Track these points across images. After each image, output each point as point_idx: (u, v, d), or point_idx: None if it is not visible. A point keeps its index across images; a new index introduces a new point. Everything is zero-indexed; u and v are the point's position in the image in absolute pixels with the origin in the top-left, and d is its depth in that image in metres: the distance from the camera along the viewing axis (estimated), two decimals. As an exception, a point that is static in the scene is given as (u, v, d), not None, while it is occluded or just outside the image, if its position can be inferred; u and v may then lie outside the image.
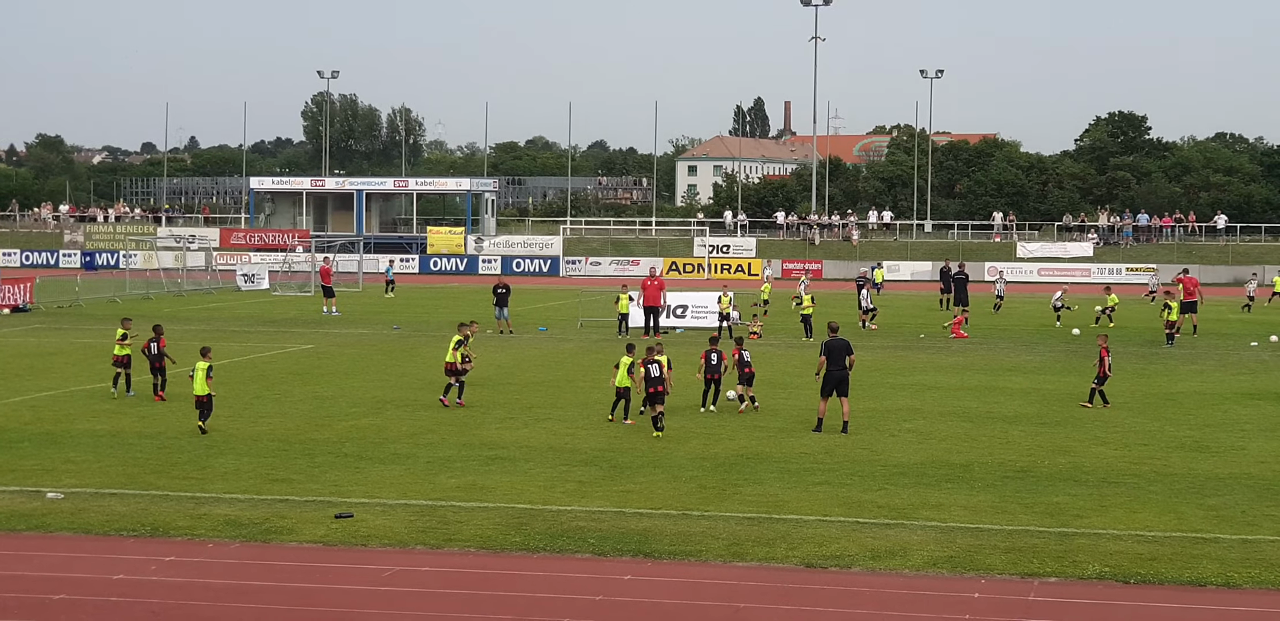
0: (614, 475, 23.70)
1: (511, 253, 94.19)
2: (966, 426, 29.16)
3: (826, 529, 19.92)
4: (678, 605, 16.42)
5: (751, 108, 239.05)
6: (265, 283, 74.97)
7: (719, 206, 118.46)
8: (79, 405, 31.17)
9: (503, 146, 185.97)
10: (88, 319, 54.33)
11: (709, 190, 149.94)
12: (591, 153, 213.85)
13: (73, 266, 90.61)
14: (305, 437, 27.18)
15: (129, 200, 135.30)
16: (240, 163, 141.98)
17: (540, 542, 19.11)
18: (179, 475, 23.35)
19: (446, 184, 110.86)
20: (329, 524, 20.01)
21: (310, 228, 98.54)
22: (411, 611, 16.10)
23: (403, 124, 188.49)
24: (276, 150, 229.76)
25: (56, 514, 20.51)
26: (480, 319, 52.65)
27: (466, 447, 26.18)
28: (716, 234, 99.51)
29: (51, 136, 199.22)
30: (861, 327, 51.78)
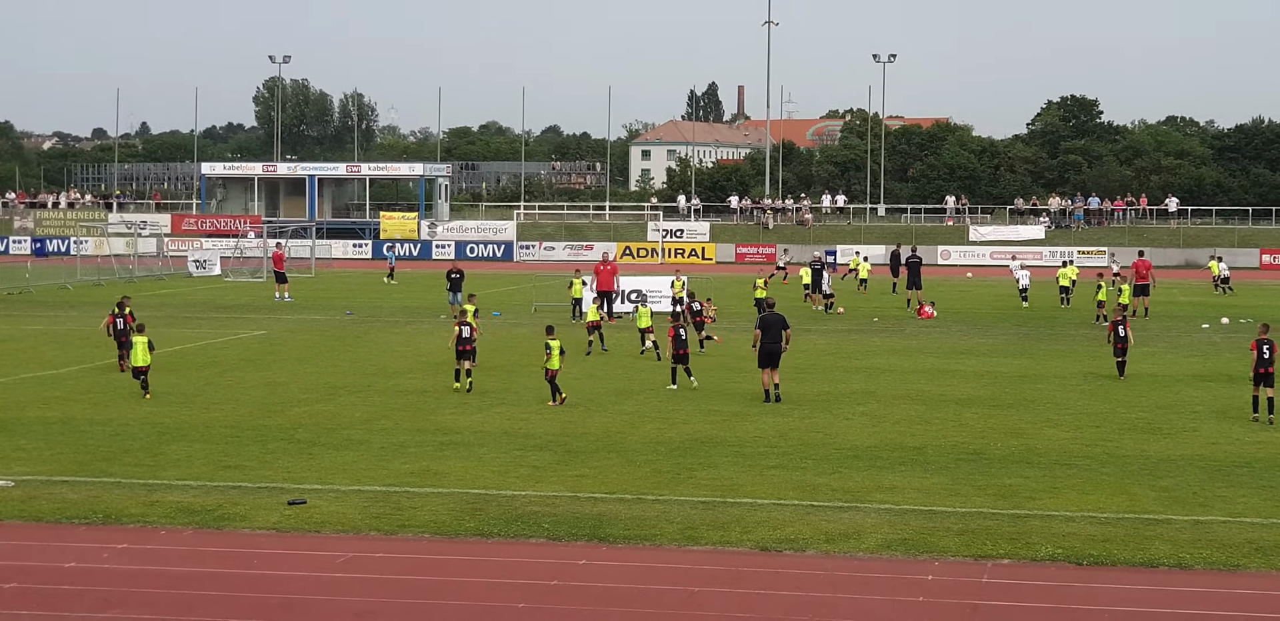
0: (568, 460, 23.69)
1: (465, 237, 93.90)
2: (920, 409, 29.27)
3: (781, 512, 19.97)
4: (632, 589, 16.44)
5: (705, 92, 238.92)
6: (217, 268, 74.57)
7: (672, 191, 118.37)
8: (29, 392, 30.93)
9: (456, 131, 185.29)
10: (38, 306, 53.92)
11: (663, 175, 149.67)
12: (545, 137, 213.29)
13: (23, 253, 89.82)
14: (258, 424, 27.06)
15: (80, 186, 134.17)
16: (192, 148, 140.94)
17: (495, 528, 19.10)
18: (131, 462, 23.22)
19: (399, 169, 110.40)
20: (282, 510, 19.94)
21: (262, 213, 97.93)
22: (366, 597, 16.06)
23: (355, 109, 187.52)
24: (228, 135, 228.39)
25: (7, 502, 20.35)
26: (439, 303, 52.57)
27: (420, 433, 26.12)
28: (670, 218, 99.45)
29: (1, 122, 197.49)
30: (825, 311, 51.92)
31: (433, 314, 50.28)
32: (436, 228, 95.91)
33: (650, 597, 16.13)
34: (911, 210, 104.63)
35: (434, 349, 39.57)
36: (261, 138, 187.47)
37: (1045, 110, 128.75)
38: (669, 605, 15.85)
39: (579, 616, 15.48)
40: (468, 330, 31.64)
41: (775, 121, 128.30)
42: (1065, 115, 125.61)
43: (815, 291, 54.03)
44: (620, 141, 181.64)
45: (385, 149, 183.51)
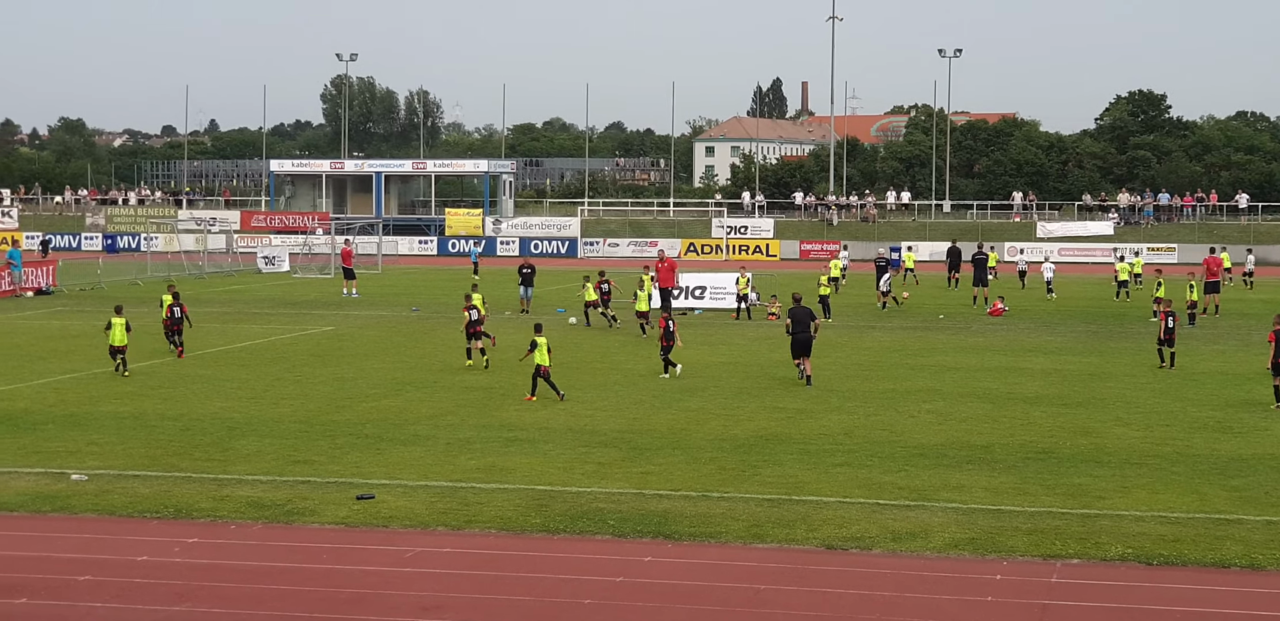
0: (633, 456, 23.73)
1: (529, 234, 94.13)
2: (987, 407, 29.12)
3: (846, 510, 19.93)
4: (697, 586, 16.45)
5: (769, 88, 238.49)
6: (285, 265, 75.07)
7: (736, 187, 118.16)
8: (102, 387, 31.28)
9: (520, 128, 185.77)
10: (110, 301, 54.33)
11: (726, 171, 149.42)
12: (609, 134, 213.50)
13: (94, 249, 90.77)
14: (326, 419, 27.26)
15: (150, 183, 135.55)
16: (260, 145, 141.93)
17: (560, 524, 19.16)
18: (201, 457, 23.45)
19: (464, 166, 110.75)
20: (350, 505, 20.09)
21: (330, 210, 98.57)
22: (433, 592, 16.16)
23: (421, 106, 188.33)
24: (296, 133, 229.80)
25: (81, 495, 20.61)
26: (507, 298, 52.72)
27: (486, 429, 26.23)
28: (734, 215, 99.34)
29: (73, 120, 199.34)
30: (881, 309, 51.79)
31: (498, 310, 50.40)
32: (501, 224, 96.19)
33: (716, 595, 16.14)
34: (978, 206, 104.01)
35: (499, 345, 39.69)
36: (329, 135, 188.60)
37: (1113, 105, 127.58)
38: (735, 603, 15.86)
39: (645, 613, 15.51)
40: (475, 314, 34.91)
41: (839, 117, 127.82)
42: (1134, 110, 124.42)
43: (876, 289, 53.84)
44: (684, 138, 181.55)
45: (450, 146, 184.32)
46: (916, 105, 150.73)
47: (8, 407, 28.33)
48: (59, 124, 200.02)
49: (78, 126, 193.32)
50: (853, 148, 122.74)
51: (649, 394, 30.71)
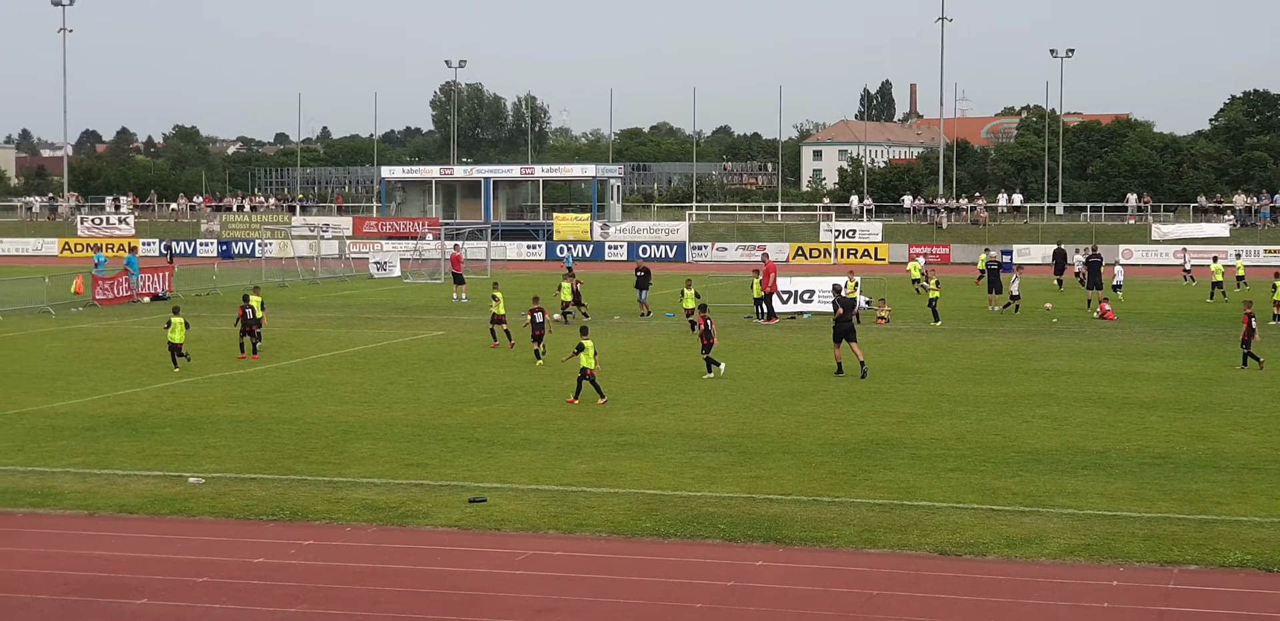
0: (744, 461, 23.70)
1: (638, 238, 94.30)
2: (1102, 412, 28.76)
3: (960, 516, 19.78)
4: (810, 591, 16.40)
5: (877, 91, 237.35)
6: (397, 270, 75.76)
7: (845, 191, 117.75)
8: (218, 391, 31.75)
9: (627, 132, 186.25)
10: (225, 306, 55.22)
11: (834, 175, 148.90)
12: (716, 138, 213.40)
13: (209, 256, 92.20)
14: (438, 423, 27.48)
15: (263, 190, 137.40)
16: (371, 152, 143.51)
17: (671, 528, 19.17)
18: (316, 460, 23.73)
19: (572, 170, 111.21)
20: (463, 508, 20.24)
21: (439, 215, 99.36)
22: (545, 595, 16.23)
23: (528, 112, 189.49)
24: (406, 139, 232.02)
25: (198, 498, 20.93)
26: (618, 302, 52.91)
27: (596, 433, 26.31)
28: (842, 219, 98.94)
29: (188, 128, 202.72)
30: (1015, 311, 51.28)
31: (607, 314, 50.55)
32: (609, 228, 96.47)
33: (828, 600, 16.08)
34: (1091, 209, 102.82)
35: (608, 349, 39.82)
36: (438, 141, 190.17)
37: (1228, 106, 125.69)
38: (847, 607, 15.79)
39: (756, 617, 15.49)
40: (540, 315, 36.80)
41: (949, 119, 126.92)
42: (1249, 110, 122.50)
43: (993, 292, 53.39)
44: (791, 141, 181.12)
45: (558, 151, 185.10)
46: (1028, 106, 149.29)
47: (126, 411, 28.84)
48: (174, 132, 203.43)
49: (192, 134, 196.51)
50: (962, 150, 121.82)
51: (758, 398, 30.66)
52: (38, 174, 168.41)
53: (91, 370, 35.40)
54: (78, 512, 20.20)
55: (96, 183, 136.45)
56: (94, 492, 21.29)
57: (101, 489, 21.55)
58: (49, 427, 26.83)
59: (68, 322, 48.24)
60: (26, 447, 24.78)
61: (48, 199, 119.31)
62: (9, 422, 27.40)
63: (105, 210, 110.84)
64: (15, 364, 36.78)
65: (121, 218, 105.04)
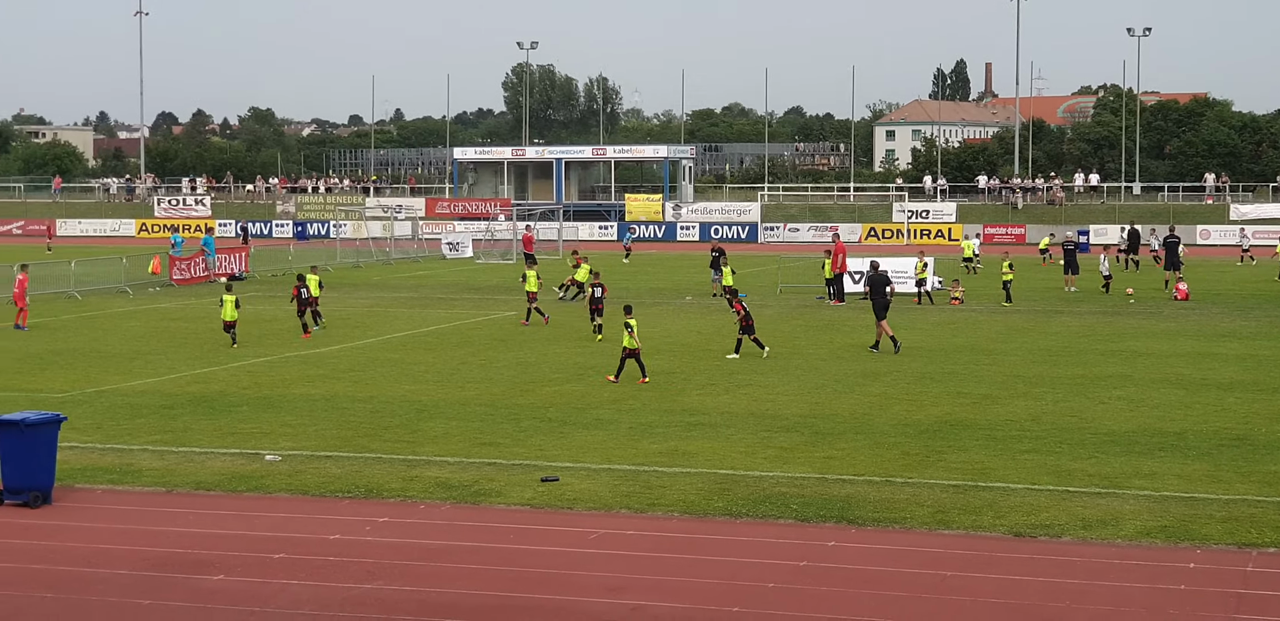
0: (816, 441, 23.65)
1: (709, 219, 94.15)
2: (1180, 393, 28.49)
3: (1035, 497, 19.65)
4: (882, 572, 16.35)
5: (952, 70, 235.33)
6: (469, 251, 76.03)
7: (918, 171, 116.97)
8: (294, 370, 32.00)
9: (699, 113, 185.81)
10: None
11: (908, 155, 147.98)
12: (788, 119, 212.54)
13: (285, 236, 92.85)
14: (511, 402, 27.58)
15: (338, 171, 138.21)
16: (444, 133, 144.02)
17: (743, 508, 19.17)
18: (391, 438, 23.88)
19: (644, 151, 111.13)
20: (536, 487, 20.31)
21: (511, 196, 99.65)
22: (618, 573, 16.27)
23: (600, 93, 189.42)
24: (478, 121, 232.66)
25: (275, 475, 21.12)
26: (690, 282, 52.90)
27: (668, 413, 26.32)
28: (916, 199, 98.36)
29: (263, 110, 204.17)
30: (1071, 291, 51.01)
31: (678, 294, 50.56)
32: (681, 209, 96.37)
33: (901, 580, 16.03)
34: (1169, 189, 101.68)
35: (680, 330, 39.87)
36: (510, 122, 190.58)
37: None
38: (921, 589, 15.74)
39: (829, 598, 15.46)
40: (600, 290, 38.30)
41: (1024, 99, 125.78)
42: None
43: (1069, 272, 53.00)
44: (864, 122, 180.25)
45: (629, 132, 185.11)
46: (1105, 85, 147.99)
47: (204, 390, 29.13)
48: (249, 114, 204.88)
49: (267, 116, 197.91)
50: (1038, 129, 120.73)
51: (830, 378, 30.58)
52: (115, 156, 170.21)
53: (169, 349, 35.78)
54: (156, 489, 20.43)
55: (173, 164, 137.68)
56: (172, 470, 21.53)
57: (179, 466, 21.79)
58: (127, 406, 27.15)
59: (145, 302, 48.77)
60: (105, 425, 25.09)
61: (125, 180, 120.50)
62: (88, 400, 27.75)
63: (182, 191, 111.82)
64: (94, 343, 37.23)
65: (198, 199, 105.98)
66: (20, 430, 19.06)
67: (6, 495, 19.30)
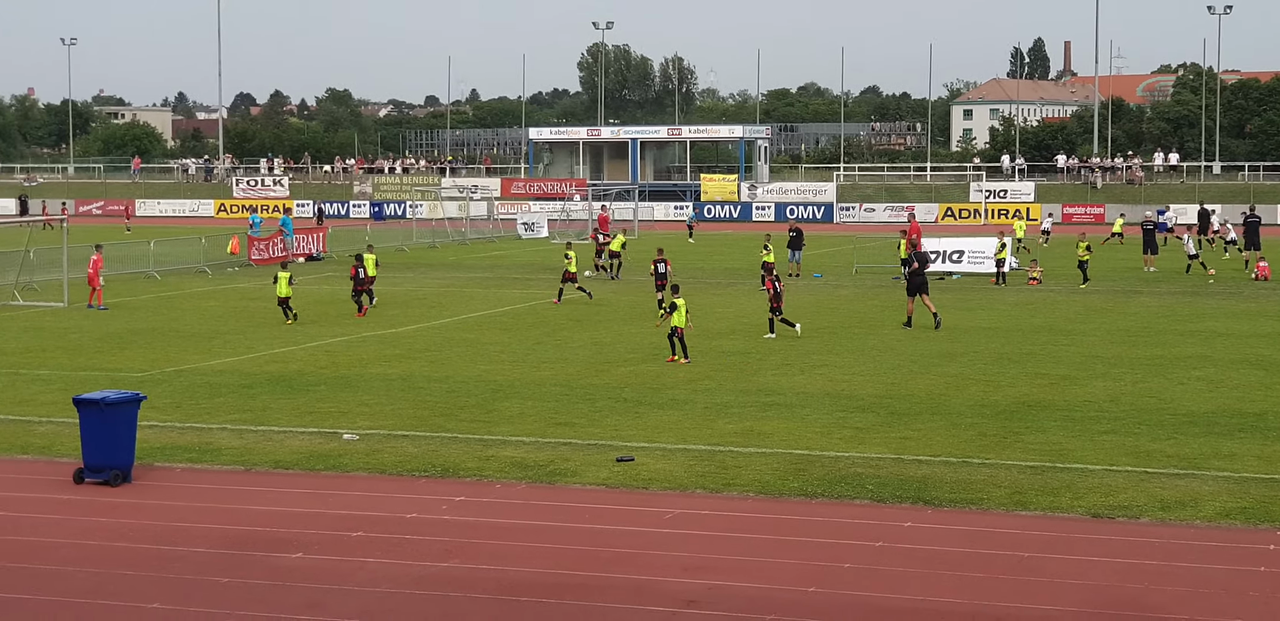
0: (892, 421, 23.55)
1: (785, 199, 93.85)
2: (1260, 374, 28.14)
3: (1113, 478, 19.49)
4: (960, 553, 16.27)
5: (1030, 49, 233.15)
6: (544, 231, 76.18)
7: (995, 151, 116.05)
8: (371, 350, 32.21)
9: (775, 93, 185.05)
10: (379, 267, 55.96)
11: (985, 134, 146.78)
12: (864, 98, 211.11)
13: (362, 217, 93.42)
14: (586, 383, 27.63)
15: (414, 152, 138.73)
16: (519, 114, 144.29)
17: (818, 488, 19.13)
18: (466, 418, 23.98)
19: (719, 131, 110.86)
20: (611, 467, 20.35)
21: (587, 176, 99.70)
22: (693, 553, 16.28)
23: (675, 73, 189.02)
24: (554, 101, 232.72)
25: (352, 454, 21.27)
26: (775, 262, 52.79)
27: (743, 393, 26.29)
28: (993, 179, 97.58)
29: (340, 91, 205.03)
30: (1150, 271, 50.54)
31: (753, 275, 50.43)
32: (756, 189, 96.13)
33: (979, 562, 15.95)
34: (1249, 168, 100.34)
35: (754, 310, 39.76)
36: (585, 102, 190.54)
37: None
38: (999, 570, 15.65)
39: (906, 578, 15.41)
40: (664, 266, 39.83)
41: (1103, 77, 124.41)
42: None
43: (1148, 252, 52.47)
44: (941, 101, 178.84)
45: (705, 112, 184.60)
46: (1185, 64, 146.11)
47: (283, 369, 29.37)
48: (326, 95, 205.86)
49: (344, 97, 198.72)
50: (1118, 108, 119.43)
51: (906, 359, 30.43)
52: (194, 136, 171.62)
53: (247, 328, 36.10)
54: (234, 468, 20.62)
55: (251, 145, 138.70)
56: (250, 448, 21.73)
57: (258, 445, 21.98)
58: (206, 385, 27.42)
59: (224, 282, 49.22)
60: (185, 404, 25.35)
61: (203, 161, 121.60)
62: (168, 380, 28.05)
63: (260, 172, 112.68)
64: (173, 323, 37.63)
65: (275, 179, 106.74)
66: (100, 409, 19.27)
67: (87, 473, 19.54)
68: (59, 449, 21.56)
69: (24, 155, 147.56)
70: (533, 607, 14.52)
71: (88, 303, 40.96)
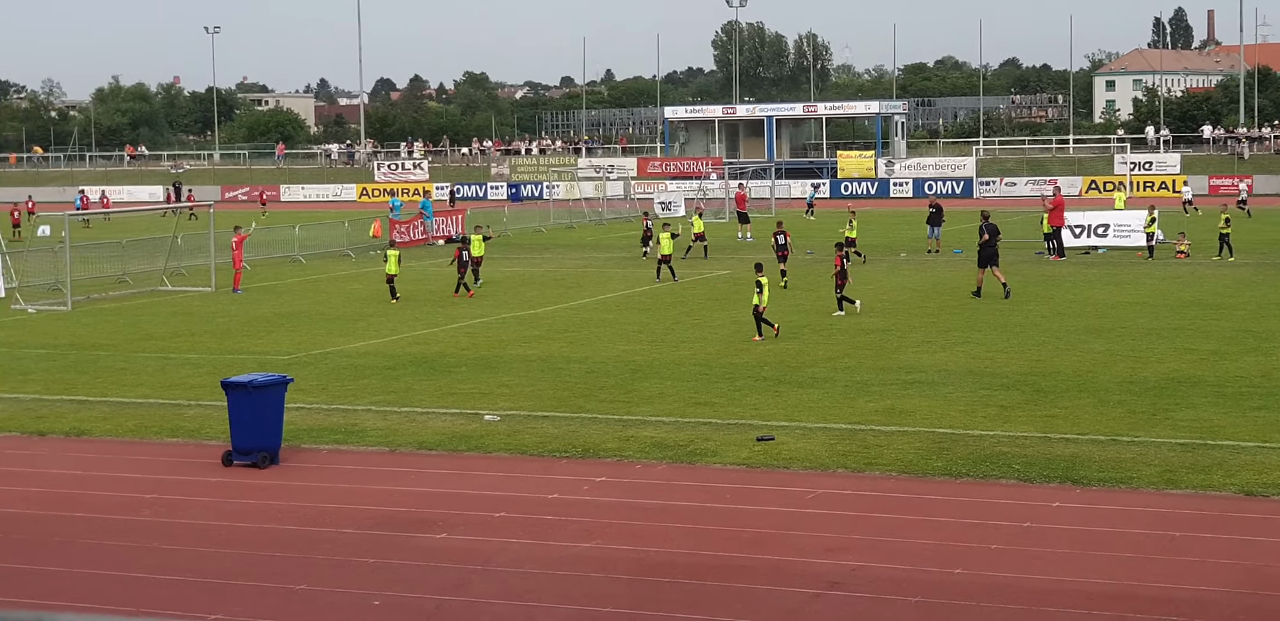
0: (1037, 399, 23.18)
1: (923, 175, 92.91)
2: None
3: (1267, 455, 19.01)
4: (1109, 533, 15.97)
5: (1171, 18, 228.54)
6: (681, 210, 76.08)
7: (1139, 122, 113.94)
8: (511, 331, 32.37)
9: (911, 68, 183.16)
10: (515, 248, 56.39)
11: (1128, 106, 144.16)
12: (1003, 71, 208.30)
13: (499, 198, 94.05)
14: (725, 362, 27.53)
15: (550, 133, 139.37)
16: (654, 93, 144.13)
17: (963, 467, 18.88)
18: (606, 398, 24.01)
19: (855, 107, 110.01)
20: (751, 446, 20.24)
21: (723, 155, 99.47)
22: (836, 534, 16.15)
23: (810, 49, 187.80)
24: (688, 80, 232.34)
25: (494, 435, 21.39)
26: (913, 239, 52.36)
27: (884, 371, 26.04)
28: (1137, 150, 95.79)
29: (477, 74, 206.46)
30: None
31: (892, 252, 50.00)
32: (894, 165, 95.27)
33: (1129, 542, 15.64)
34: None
35: (894, 287, 39.44)
36: (720, 81, 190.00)
37: None
38: (1149, 550, 15.34)
39: (1054, 559, 15.15)
40: (783, 238, 41.07)
41: (1249, 46, 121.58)
42: None
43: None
44: (1083, 72, 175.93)
45: (840, 88, 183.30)
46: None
47: (424, 351, 29.63)
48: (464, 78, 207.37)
49: (482, 80, 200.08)
50: (1264, 77, 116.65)
51: (1051, 335, 29.96)
52: (336, 122, 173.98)
53: (390, 311, 36.47)
54: (379, 449, 20.83)
55: (391, 129, 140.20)
56: (394, 430, 21.93)
57: (401, 426, 22.18)
58: (351, 367, 27.73)
59: (367, 265, 49.74)
60: (330, 386, 25.66)
61: (345, 146, 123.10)
62: (313, 362, 28.42)
63: (400, 156, 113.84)
64: (318, 305, 38.13)
65: (415, 163, 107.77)
66: (248, 392, 19.54)
67: (235, 455, 19.84)
68: (208, 431, 21.93)
69: (170, 142, 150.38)
70: (673, 588, 14.50)
71: (233, 287, 41.66)
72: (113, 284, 43.68)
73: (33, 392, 25.48)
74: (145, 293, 41.90)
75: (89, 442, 21.66)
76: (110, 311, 37.65)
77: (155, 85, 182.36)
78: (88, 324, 35.10)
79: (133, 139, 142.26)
